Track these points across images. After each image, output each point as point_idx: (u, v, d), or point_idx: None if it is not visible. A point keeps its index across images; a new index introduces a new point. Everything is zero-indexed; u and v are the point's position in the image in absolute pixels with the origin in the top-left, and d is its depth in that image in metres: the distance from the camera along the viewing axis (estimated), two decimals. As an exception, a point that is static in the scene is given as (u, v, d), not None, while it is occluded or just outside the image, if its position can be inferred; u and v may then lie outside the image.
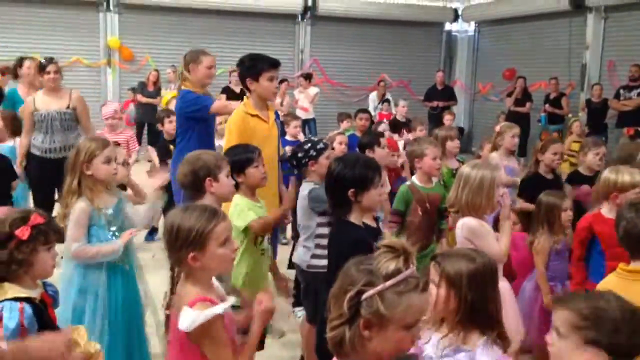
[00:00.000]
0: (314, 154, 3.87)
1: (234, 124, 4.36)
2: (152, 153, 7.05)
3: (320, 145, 3.92)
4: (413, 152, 4.40)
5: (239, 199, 3.51)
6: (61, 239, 2.63)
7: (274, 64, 4.41)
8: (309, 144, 3.94)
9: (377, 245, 1.73)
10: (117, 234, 3.29)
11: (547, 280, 3.80)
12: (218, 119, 6.62)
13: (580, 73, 12.25)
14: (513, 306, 3.36)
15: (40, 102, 5.74)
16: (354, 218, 2.78)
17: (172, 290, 2.27)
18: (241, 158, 3.52)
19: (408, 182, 4.36)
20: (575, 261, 3.59)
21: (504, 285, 3.34)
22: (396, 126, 9.16)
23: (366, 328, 1.64)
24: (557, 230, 3.84)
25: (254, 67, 4.39)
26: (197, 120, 4.80)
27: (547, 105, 11.91)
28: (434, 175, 4.44)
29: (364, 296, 1.63)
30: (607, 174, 3.68)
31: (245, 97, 4.56)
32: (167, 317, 2.25)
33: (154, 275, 4.30)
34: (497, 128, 5.84)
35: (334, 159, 3.06)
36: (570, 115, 11.24)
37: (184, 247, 2.13)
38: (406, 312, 1.64)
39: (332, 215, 2.95)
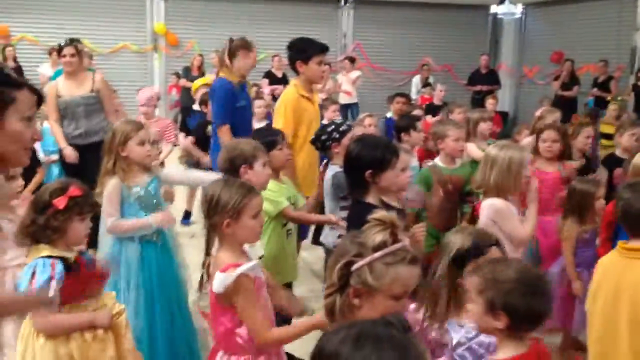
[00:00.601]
0: (337, 136, 3.93)
1: (288, 103, 4.54)
2: (187, 142, 6.61)
3: (344, 127, 3.98)
4: (436, 133, 4.42)
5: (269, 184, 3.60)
6: (96, 213, 2.80)
7: (323, 49, 4.64)
8: (333, 126, 4.00)
9: (367, 219, 1.81)
10: (145, 213, 3.42)
11: (574, 267, 3.77)
12: (258, 103, 6.74)
13: (630, 56, 11.90)
14: None
15: (63, 88, 5.55)
16: (372, 199, 2.83)
17: (208, 251, 2.48)
18: (265, 141, 3.59)
19: (430, 163, 4.37)
20: (603, 242, 3.57)
21: None
22: (433, 109, 9.10)
23: (355, 297, 1.74)
24: (588, 218, 3.77)
25: (305, 50, 4.60)
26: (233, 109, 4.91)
27: (595, 90, 11.64)
28: (457, 157, 4.43)
29: (354, 267, 1.73)
30: (637, 159, 3.64)
31: (292, 80, 4.71)
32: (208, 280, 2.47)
33: (192, 255, 4.43)
34: (538, 113, 5.75)
35: (353, 140, 3.11)
36: (609, 98, 10.91)
37: (221, 214, 2.37)
38: (393, 283, 1.73)
39: (351, 196, 3.00)
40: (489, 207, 3.29)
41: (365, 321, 1.28)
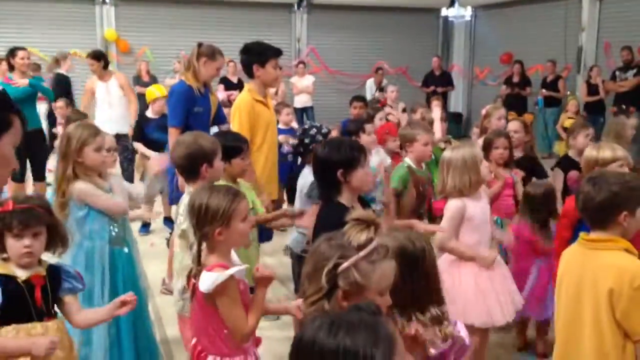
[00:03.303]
0: (320, 138, 3.96)
1: (243, 108, 4.52)
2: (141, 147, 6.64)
3: (325, 130, 4.03)
4: (405, 136, 4.43)
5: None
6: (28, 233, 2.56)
7: (279, 53, 4.68)
8: (315, 129, 4.03)
9: (346, 220, 1.82)
10: (110, 219, 3.37)
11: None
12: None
13: (576, 55, 12.27)
14: (503, 279, 3.47)
15: None
16: (345, 199, 2.85)
17: (199, 261, 2.46)
18: (232, 145, 3.58)
19: (406, 164, 4.39)
20: (562, 241, 3.61)
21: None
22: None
23: (345, 299, 1.74)
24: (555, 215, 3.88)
25: (261, 53, 4.61)
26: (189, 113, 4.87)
27: (543, 90, 11.95)
28: (426, 160, 4.49)
29: (340, 268, 1.74)
30: (589, 151, 3.74)
31: (246, 84, 4.72)
32: (194, 285, 2.45)
33: (151, 264, 4.38)
34: (484, 111, 5.83)
35: (320, 144, 3.14)
36: (568, 93, 11.22)
37: (212, 223, 2.37)
38: (380, 279, 1.77)
39: (321, 198, 3.00)
40: (447, 207, 3.41)
41: (341, 310, 1.37)
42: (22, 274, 2.47)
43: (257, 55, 4.61)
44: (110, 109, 7.56)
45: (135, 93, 8.06)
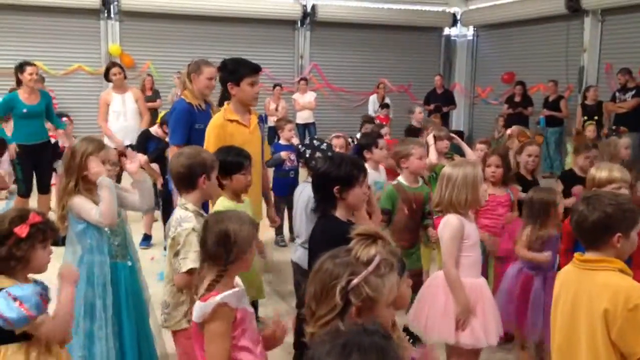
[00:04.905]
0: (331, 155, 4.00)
1: (211, 130, 4.39)
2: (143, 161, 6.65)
3: (324, 146, 4.07)
4: (399, 152, 4.43)
5: (225, 202, 3.58)
6: (56, 237, 2.72)
7: (255, 69, 4.43)
8: (325, 144, 4.05)
9: (350, 236, 1.83)
10: (109, 232, 3.39)
11: (531, 256, 3.90)
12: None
13: (578, 76, 12.32)
14: (490, 301, 3.46)
15: None
16: (339, 214, 2.87)
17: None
18: (233, 161, 3.59)
19: (394, 182, 4.42)
20: (563, 253, 3.70)
21: (478, 281, 3.44)
22: (412, 132, 9.14)
23: (358, 315, 1.74)
24: (548, 225, 3.87)
25: (235, 71, 4.39)
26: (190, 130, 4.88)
27: (545, 110, 11.98)
28: (422, 175, 4.50)
29: (351, 285, 1.74)
30: (592, 170, 3.85)
31: (225, 103, 4.56)
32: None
33: (151, 278, 4.36)
34: (509, 131, 5.93)
35: (322, 158, 3.16)
36: (585, 117, 11.19)
37: (237, 250, 2.33)
38: (390, 291, 1.78)
39: (317, 211, 3.02)
40: (444, 222, 3.40)
41: (349, 331, 1.36)
42: None
43: (230, 74, 4.40)
44: (125, 121, 7.72)
45: (147, 108, 8.18)
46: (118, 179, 6.58)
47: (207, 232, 2.37)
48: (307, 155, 4.13)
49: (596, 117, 10.47)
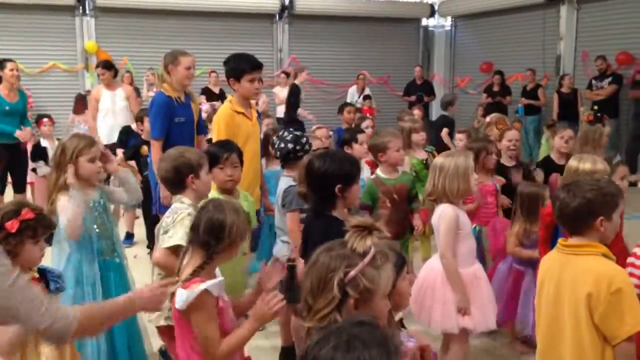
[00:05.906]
0: (308, 148, 3.99)
1: (221, 119, 4.52)
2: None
3: (304, 140, 4.05)
4: (376, 146, 4.41)
5: (215, 194, 3.56)
6: (51, 232, 2.75)
7: (256, 67, 4.56)
8: (305, 138, 4.03)
9: (345, 228, 1.83)
10: (98, 229, 3.38)
11: (521, 253, 3.99)
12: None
13: (555, 64, 12.43)
14: (487, 286, 3.49)
15: None
16: (338, 213, 2.88)
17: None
18: (211, 154, 3.59)
19: (373, 176, 4.41)
20: (541, 243, 3.72)
21: (474, 268, 3.47)
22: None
23: (356, 307, 1.75)
24: (538, 219, 3.89)
25: (236, 68, 4.55)
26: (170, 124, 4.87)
27: (523, 99, 12.08)
28: (400, 165, 4.50)
29: (348, 277, 1.74)
30: (572, 161, 3.84)
31: (229, 95, 4.71)
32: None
33: (138, 276, 4.34)
34: (488, 119, 5.96)
35: (315, 156, 3.07)
36: (582, 109, 11.28)
37: (225, 239, 2.35)
38: (387, 282, 1.80)
39: (313, 211, 3.01)
40: (440, 213, 3.42)
41: (347, 325, 1.36)
42: None
43: (232, 70, 4.57)
44: (113, 118, 7.65)
45: (139, 106, 8.09)
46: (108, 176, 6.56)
47: (202, 216, 2.39)
48: (297, 149, 4.07)
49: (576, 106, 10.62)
